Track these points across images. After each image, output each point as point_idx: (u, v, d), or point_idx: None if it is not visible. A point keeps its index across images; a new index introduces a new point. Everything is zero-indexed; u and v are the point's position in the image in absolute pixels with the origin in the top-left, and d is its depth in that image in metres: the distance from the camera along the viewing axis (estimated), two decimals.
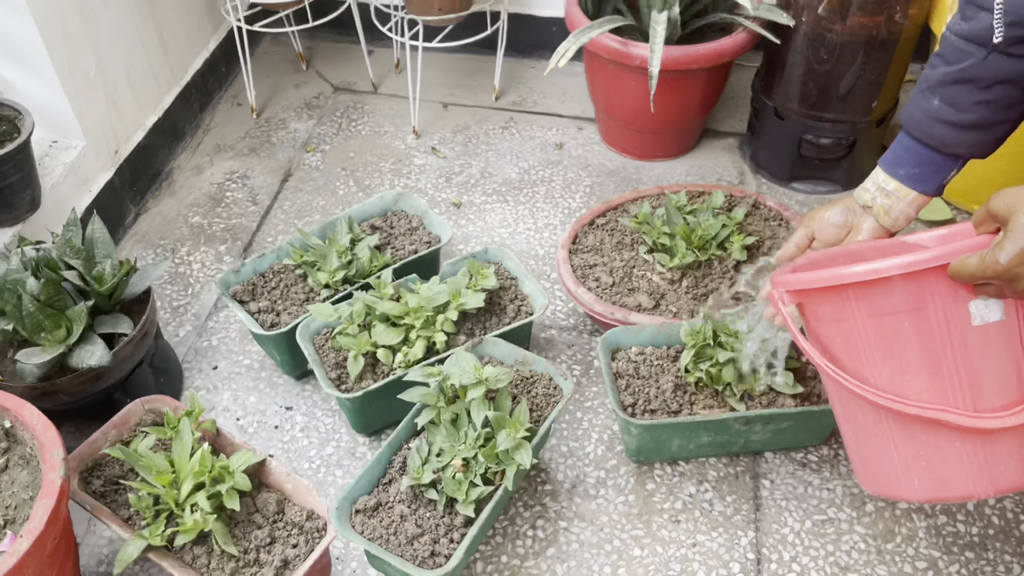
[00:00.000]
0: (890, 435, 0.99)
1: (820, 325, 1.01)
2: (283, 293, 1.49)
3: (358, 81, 2.24)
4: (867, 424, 1.01)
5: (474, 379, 1.20)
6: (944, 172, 1.07)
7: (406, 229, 1.60)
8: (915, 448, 0.98)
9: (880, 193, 1.10)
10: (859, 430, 1.04)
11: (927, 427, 0.95)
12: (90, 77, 1.66)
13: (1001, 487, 0.96)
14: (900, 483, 1.01)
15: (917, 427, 0.96)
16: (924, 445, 0.97)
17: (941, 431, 0.95)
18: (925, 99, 1.04)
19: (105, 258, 1.37)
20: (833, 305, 0.97)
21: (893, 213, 1.10)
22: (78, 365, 1.26)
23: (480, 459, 1.18)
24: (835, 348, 0.99)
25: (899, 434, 0.98)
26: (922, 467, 0.98)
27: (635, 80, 1.78)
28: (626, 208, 1.65)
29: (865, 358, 0.96)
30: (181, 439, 1.15)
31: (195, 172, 1.97)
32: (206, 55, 2.08)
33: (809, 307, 1.01)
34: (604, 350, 1.37)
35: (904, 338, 0.93)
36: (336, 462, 1.41)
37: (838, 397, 1.05)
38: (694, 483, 1.37)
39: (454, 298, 1.38)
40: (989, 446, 0.95)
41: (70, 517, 1.14)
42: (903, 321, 0.92)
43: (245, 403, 1.50)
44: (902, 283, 0.90)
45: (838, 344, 0.99)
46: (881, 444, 1.01)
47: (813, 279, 0.96)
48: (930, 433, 0.96)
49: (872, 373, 0.96)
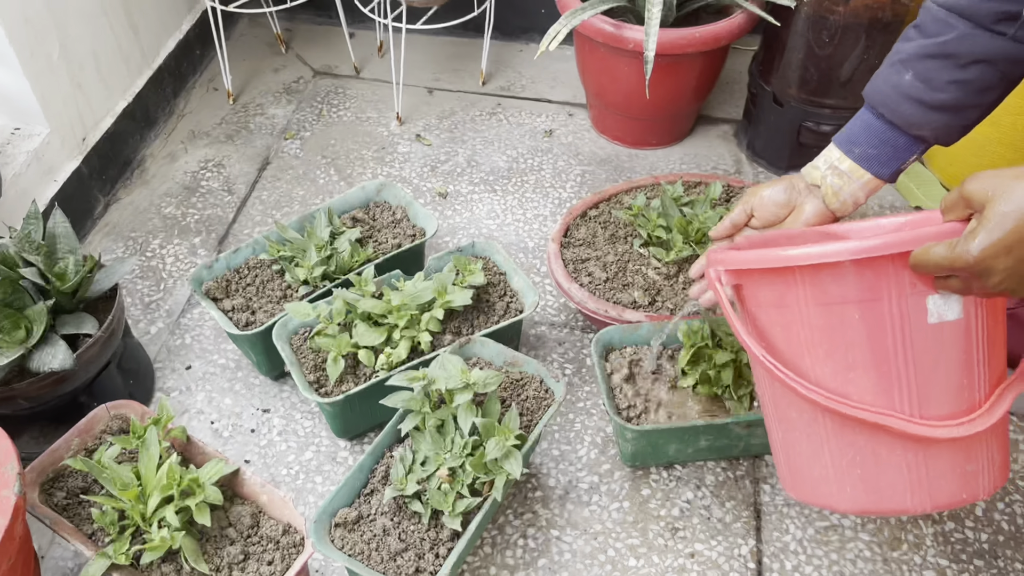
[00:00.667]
0: (825, 438, 0.91)
1: (759, 310, 0.91)
2: (259, 290, 1.41)
3: (339, 65, 2.15)
4: (800, 424, 0.93)
5: (461, 383, 1.13)
6: (904, 156, 0.99)
7: (389, 221, 1.53)
8: (851, 454, 0.89)
9: (832, 172, 1.03)
10: (790, 430, 0.95)
11: (867, 432, 0.87)
12: (53, 60, 1.57)
13: (940, 503, 0.89)
14: (831, 491, 0.93)
15: (856, 431, 0.88)
16: (862, 451, 0.89)
17: (882, 437, 0.87)
18: (895, 73, 0.96)
19: (68, 254, 1.28)
20: (776, 290, 0.88)
21: (842, 195, 1.03)
22: (39, 368, 1.19)
23: (467, 468, 1.11)
24: (774, 337, 0.91)
25: (835, 437, 0.90)
26: (857, 475, 0.90)
27: (628, 64, 1.70)
28: (620, 199, 1.58)
29: (807, 351, 0.88)
30: (148, 449, 1.08)
31: (168, 160, 1.88)
32: (179, 37, 1.98)
33: (749, 290, 0.92)
34: (597, 350, 1.30)
35: (852, 331, 0.84)
36: (316, 468, 1.34)
37: (770, 393, 0.96)
38: (691, 488, 1.31)
39: (440, 295, 1.31)
40: (932, 458, 0.87)
41: (29, 533, 1.07)
42: (853, 312, 0.84)
43: (220, 405, 1.43)
44: (856, 269, 0.81)
45: (778, 333, 0.90)
46: (813, 447, 0.92)
47: (758, 258, 0.87)
48: (870, 439, 0.88)
49: (813, 368, 0.88)
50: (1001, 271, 0.73)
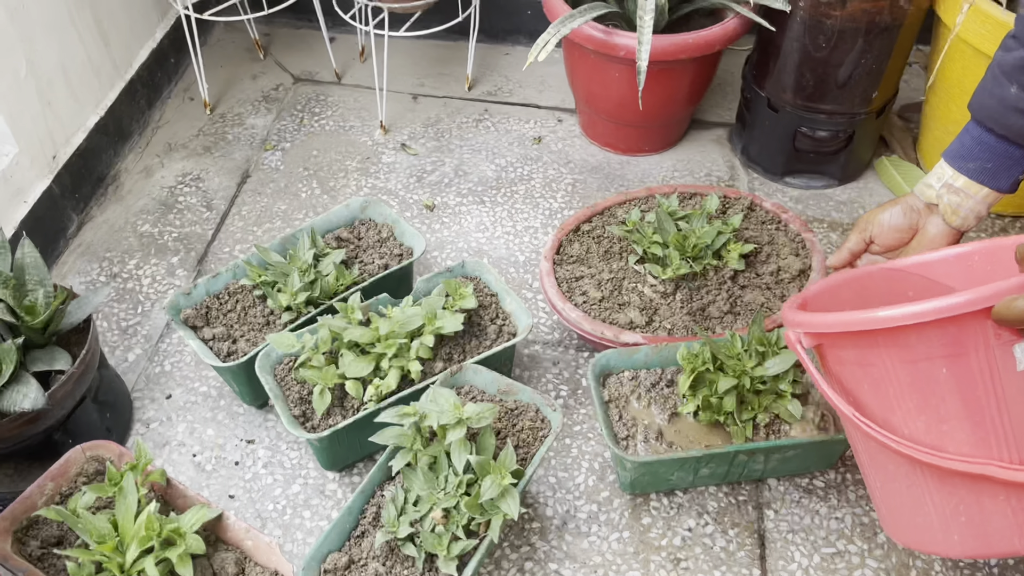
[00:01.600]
0: (925, 488, 0.90)
1: (843, 368, 0.90)
2: (240, 317, 1.35)
3: (320, 71, 2.08)
4: (899, 476, 0.92)
5: (454, 419, 1.08)
6: (1021, 166, 0.97)
7: (375, 240, 1.47)
8: (954, 502, 0.88)
9: (947, 190, 1.01)
10: (889, 481, 0.94)
11: (968, 481, 0.86)
12: (20, 76, 1.50)
13: None
14: (937, 538, 0.92)
15: (957, 481, 0.87)
16: (964, 500, 0.87)
17: (984, 485, 0.86)
18: (999, 86, 0.94)
19: (37, 285, 1.22)
20: (859, 349, 0.87)
21: (962, 212, 1.01)
22: (9, 409, 1.13)
23: (462, 509, 1.06)
24: (861, 394, 0.89)
25: (937, 488, 0.89)
26: (962, 522, 0.89)
27: (619, 71, 1.65)
28: (613, 212, 1.53)
29: (897, 406, 0.87)
30: (125, 498, 1.02)
31: (144, 175, 1.81)
32: (152, 45, 1.91)
33: (830, 350, 0.91)
34: (594, 375, 1.25)
35: (942, 385, 0.83)
36: (304, 502, 1.29)
37: (864, 446, 0.95)
38: (693, 516, 1.27)
39: (429, 321, 1.26)
40: None
41: None
42: (940, 367, 0.83)
43: (202, 436, 1.37)
44: (939, 327, 0.80)
45: (865, 390, 0.89)
46: (914, 497, 0.91)
47: (836, 322, 0.86)
48: (971, 487, 0.86)
49: (905, 423, 0.87)
50: None
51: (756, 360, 1.20)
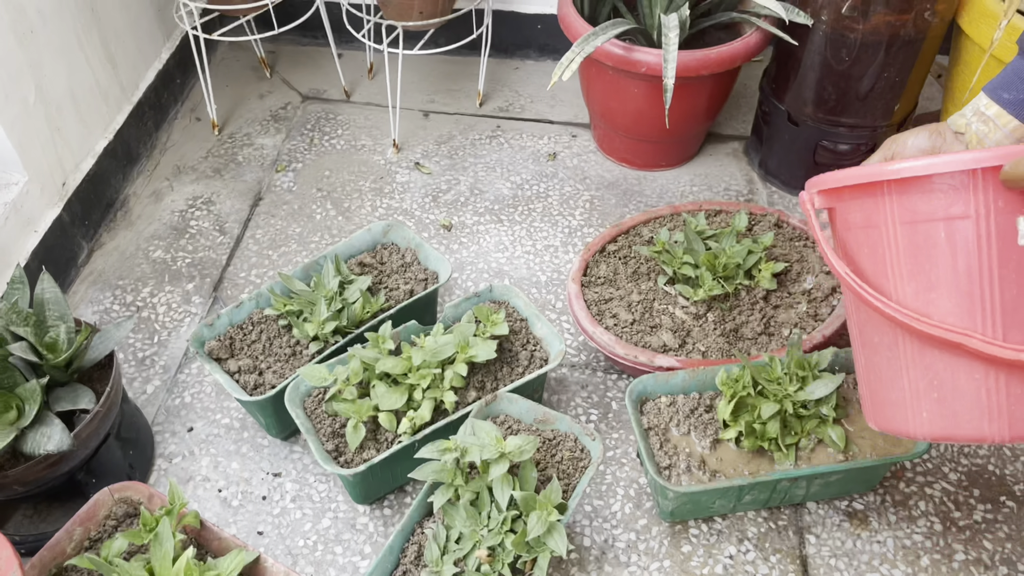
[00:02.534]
0: (904, 361, 0.91)
1: (849, 233, 0.94)
2: (265, 348, 1.32)
3: (328, 88, 2.05)
4: (882, 347, 0.94)
5: (496, 453, 1.06)
6: None
7: (399, 265, 1.44)
8: (929, 377, 0.89)
9: (977, 118, 0.98)
10: (873, 354, 0.96)
11: (946, 353, 0.87)
12: (30, 104, 1.46)
13: (1018, 434, 0.88)
14: (908, 415, 0.93)
15: (935, 353, 0.88)
16: (940, 375, 0.89)
17: (961, 360, 0.86)
18: None
19: (58, 320, 1.19)
20: (865, 210, 0.90)
21: (987, 142, 0.98)
22: (33, 451, 1.09)
23: (508, 547, 1.03)
24: (861, 259, 0.93)
25: (915, 359, 0.90)
26: (934, 399, 0.90)
27: (638, 87, 1.63)
28: (639, 231, 1.51)
29: (891, 271, 0.89)
30: (161, 544, 0.99)
31: (153, 199, 1.78)
32: (159, 67, 1.87)
33: (840, 214, 0.94)
34: (632, 402, 1.23)
35: (937, 250, 0.85)
36: (335, 537, 1.26)
37: (856, 318, 0.98)
38: (734, 542, 1.25)
39: (462, 350, 1.23)
40: (1013, 384, 0.86)
41: None
42: (939, 230, 0.85)
43: (227, 471, 1.34)
44: (947, 184, 0.83)
45: (865, 254, 0.92)
46: (893, 370, 0.93)
47: (849, 175, 0.90)
48: (949, 361, 0.87)
49: (896, 288, 0.89)
50: None
51: (797, 384, 1.18)
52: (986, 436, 0.89)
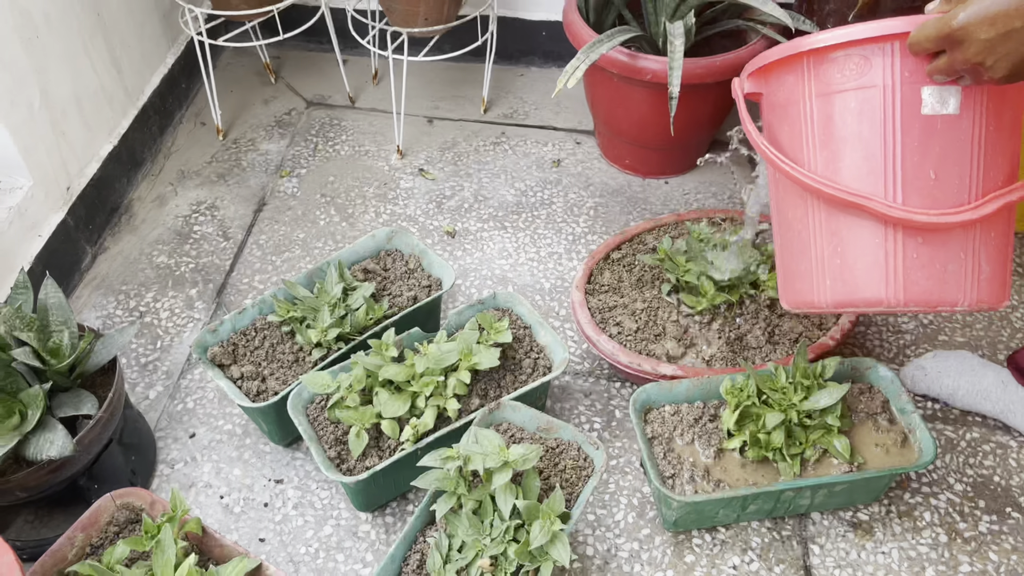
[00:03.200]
0: (813, 229, 0.97)
1: (772, 114, 1.00)
2: (268, 354, 1.32)
3: (333, 94, 2.05)
4: (795, 221, 1.00)
5: (499, 462, 1.05)
6: None
7: (403, 272, 1.44)
8: (835, 243, 0.95)
9: None
10: (787, 230, 1.02)
11: (851, 217, 0.93)
12: (34, 108, 1.46)
13: (913, 296, 0.93)
14: (813, 285, 0.99)
15: (841, 218, 0.94)
16: (844, 239, 0.95)
17: (864, 223, 0.93)
18: None
19: (61, 326, 1.18)
20: (787, 87, 0.96)
21: None
22: (36, 457, 1.09)
23: (511, 556, 1.03)
24: (782, 136, 0.99)
25: (822, 227, 0.96)
26: (837, 265, 0.95)
27: (643, 94, 1.63)
28: (643, 239, 1.51)
29: (806, 143, 0.95)
30: (163, 551, 0.98)
31: (157, 204, 1.78)
32: (164, 71, 1.88)
33: (767, 98, 1.01)
34: (636, 411, 1.22)
35: (847, 119, 0.92)
36: (336, 544, 1.25)
37: (776, 198, 1.05)
38: (737, 552, 1.24)
39: (465, 357, 1.22)
40: (910, 248, 0.92)
41: None
42: (851, 100, 0.91)
43: (229, 477, 1.33)
44: (858, 55, 0.89)
45: (785, 131, 0.98)
46: (803, 243, 0.99)
47: (773, 51, 0.96)
48: (852, 225, 0.94)
49: (810, 159, 0.95)
50: (982, 41, 0.79)
51: (802, 394, 1.17)
52: (883, 299, 0.93)
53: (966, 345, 1.49)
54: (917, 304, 0.93)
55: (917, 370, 1.39)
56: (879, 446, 1.21)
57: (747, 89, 1.03)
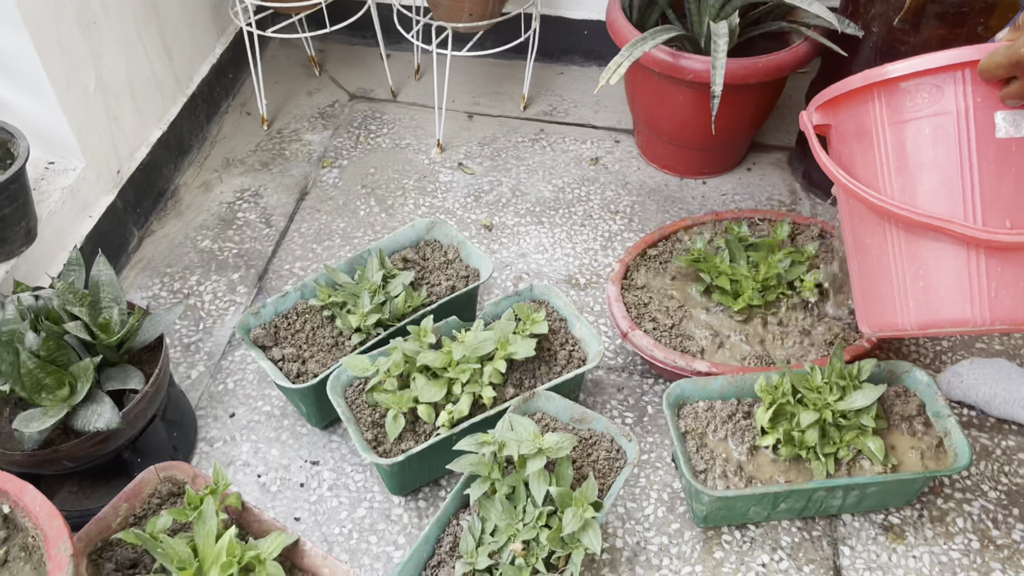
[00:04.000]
0: (893, 254, 0.99)
1: (843, 145, 1.02)
2: (308, 337, 1.34)
3: (375, 88, 2.08)
4: (873, 247, 1.01)
5: (533, 449, 1.07)
6: None
7: (441, 262, 1.46)
8: (916, 266, 0.97)
9: None
10: (865, 257, 1.04)
11: (931, 241, 0.95)
12: (90, 91, 1.50)
13: (1000, 315, 0.94)
14: (896, 308, 1.00)
15: (921, 242, 0.96)
16: (925, 263, 0.96)
17: (945, 246, 0.94)
18: None
19: (112, 303, 1.22)
20: (858, 118, 0.98)
21: None
22: (84, 428, 1.12)
23: (543, 541, 1.04)
24: (854, 166, 1.01)
25: (903, 252, 0.98)
26: (920, 288, 0.97)
27: (684, 94, 1.63)
28: (679, 237, 1.51)
29: (881, 170, 0.97)
30: (205, 522, 1.01)
31: (203, 190, 1.82)
32: (212, 61, 1.92)
33: (836, 129, 1.04)
34: (670, 405, 1.23)
35: (922, 146, 0.93)
36: (370, 527, 1.28)
37: (850, 225, 1.06)
38: (767, 551, 1.24)
39: (502, 346, 1.24)
40: (994, 267, 0.93)
41: None
42: (924, 127, 0.93)
43: (267, 457, 1.36)
44: (930, 83, 0.91)
45: (857, 161, 1.00)
46: (883, 267, 1.01)
47: (843, 83, 0.98)
48: (933, 248, 0.95)
49: (886, 185, 0.97)
50: None
51: (838, 394, 1.17)
52: (968, 319, 0.95)
53: (1003, 353, 1.48)
54: (1003, 323, 0.95)
55: (953, 376, 1.39)
56: (913, 449, 1.21)
57: (815, 121, 1.05)
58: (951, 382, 1.38)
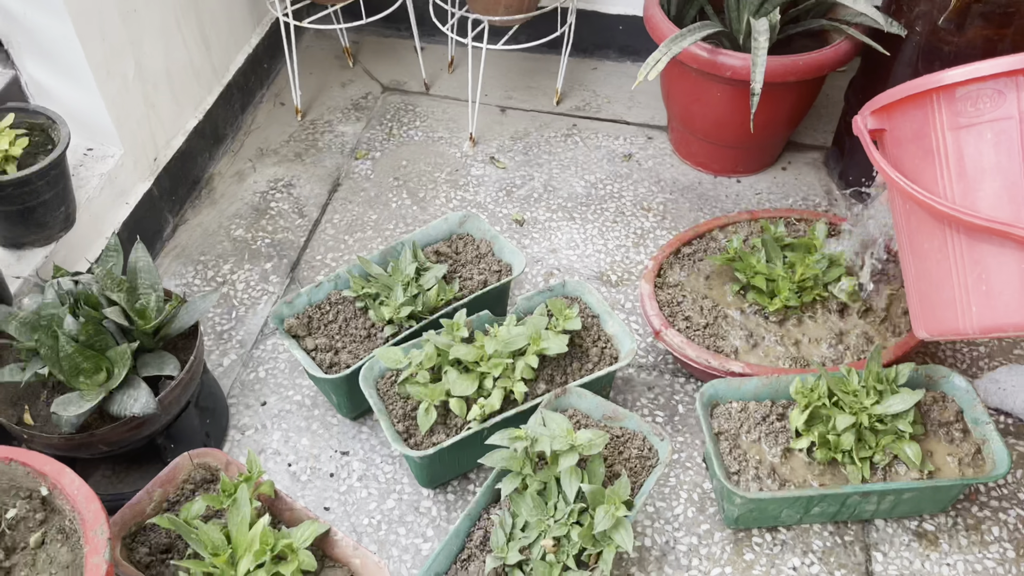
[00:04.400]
0: (954, 259, 0.97)
1: (900, 149, 1.00)
2: (341, 328, 1.35)
3: (408, 80, 2.08)
4: (932, 252, 1.00)
5: (566, 445, 1.06)
6: None
7: (473, 256, 1.46)
8: (978, 271, 0.95)
9: None
10: (923, 261, 1.02)
11: (994, 246, 0.93)
12: (129, 79, 1.51)
13: None
14: (957, 313, 0.99)
15: (984, 247, 0.94)
16: (988, 267, 0.95)
17: (1008, 250, 0.92)
18: None
19: (149, 289, 1.23)
20: (915, 123, 0.97)
21: None
22: (120, 413, 1.13)
23: (574, 538, 1.04)
24: (912, 170, 1.00)
25: (964, 256, 0.96)
26: (983, 292, 0.95)
27: (721, 91, 1.62)
28: (714, 236, 1.50)
29: (941, 175, 0.95)
30: (239, 509, 1.02)
31: (236, 179, 1.83)
32: (248, 51, 1.93)
33: (891, 133, 1.02)
34: (703, 405, 1.22)
35: (984, 150, 0.92)
36: (399, 518, 1.28)
37: (906, 229, 1.04)
38: (798, 554, 1.23)
39: (534, 342, 1.24)
40: None
41: None
42: (986, 132, 0.91)
43: (297, 446, 1.37)
44: (991, 89, 0.90)
45: (915, 165, 1.00)
46: (942, 272, 0.99)
47: (900, 89, 0.97)
48: (996, 253, 0.94)
49: (946, 190, 0.95)
50: None
51: (874, 398, 1.16)
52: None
53: None
54: None
55: (991, 383, 1.36)
56: (951, 456, 1.19)
57: (870, 126, 1.04)
58: (988, 389, 1.36)
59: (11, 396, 1.19)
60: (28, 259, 1.34)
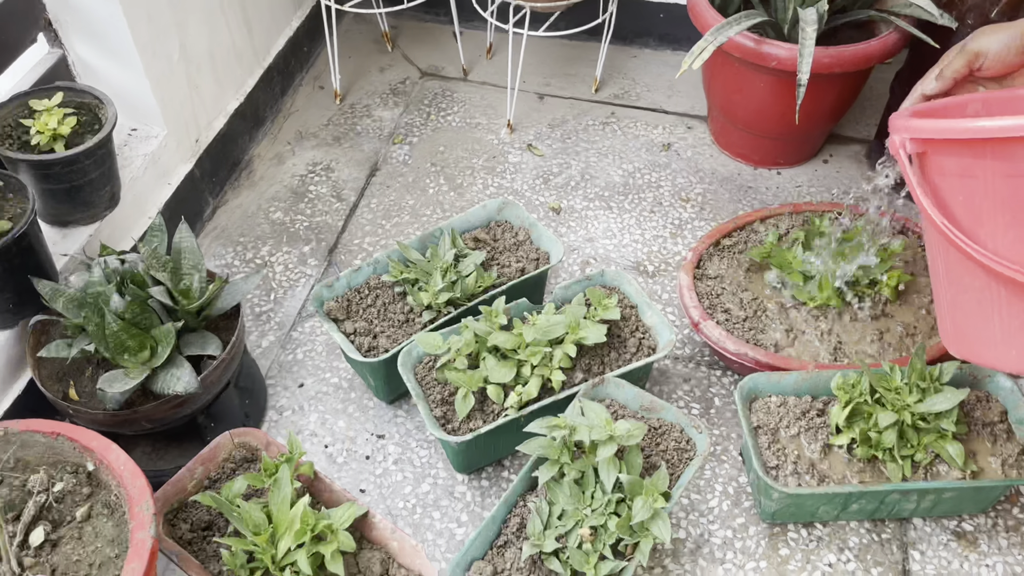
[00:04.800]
0: (997, 305, 0.93)
1: (942, 179, 0.92)
2: (380, 313, 1.35)
3: (447, 66, 2.08)
4: (972, 289, 0.95)
5: (605, 435, 1.06)
6: None
7: (512, 243, 1.45)
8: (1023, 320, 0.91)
9: None
10: (960, 293, 0.97)
11: None
12: (173, 60, 1.53)
13: None
14: (998, 353, 0.96)
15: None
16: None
17: None
18: None
19: (192, 270, 1.24)
20: (963, 160, 0.89)
21: None
22: (163, 391, 1.15)
23: (611, 528, 1.04)
24: (955, 206, 0.92)
25: (1008, 305, 0.92)
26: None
27: (765, 81, 1.60)
28: (755, 228, 1.49)
29: (988, 220, 0.89)
30: (280, 489, 1.03)
31: (276, 162, 1.84)
32: (289, 34, 1.93)
33: (933, 158, 0.93)
34: (742, 399, 1.22)
35: None
36: (433, 502, 1.29)
37: (943, 258, 0.98)
38: (834, 551, 1.22)
39: (572, 330, 1.23)
40: None
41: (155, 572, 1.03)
42: None
43: (334, 428, 1.38)
44: None
45: (959, 202, 0.91)
46: (983, 312, 0.94)
47: (948, 128, 0.87)
48: None
49: (992, 237, 0.89)
50: None
51: (917, 395, 1.14)
52: None
53: None
54: None
55: None
56: (994, 456, 1.17)
57: (910, 150, 0.95)
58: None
59: (57, 372, 1.21)
60: (73, 237, 1.36)
